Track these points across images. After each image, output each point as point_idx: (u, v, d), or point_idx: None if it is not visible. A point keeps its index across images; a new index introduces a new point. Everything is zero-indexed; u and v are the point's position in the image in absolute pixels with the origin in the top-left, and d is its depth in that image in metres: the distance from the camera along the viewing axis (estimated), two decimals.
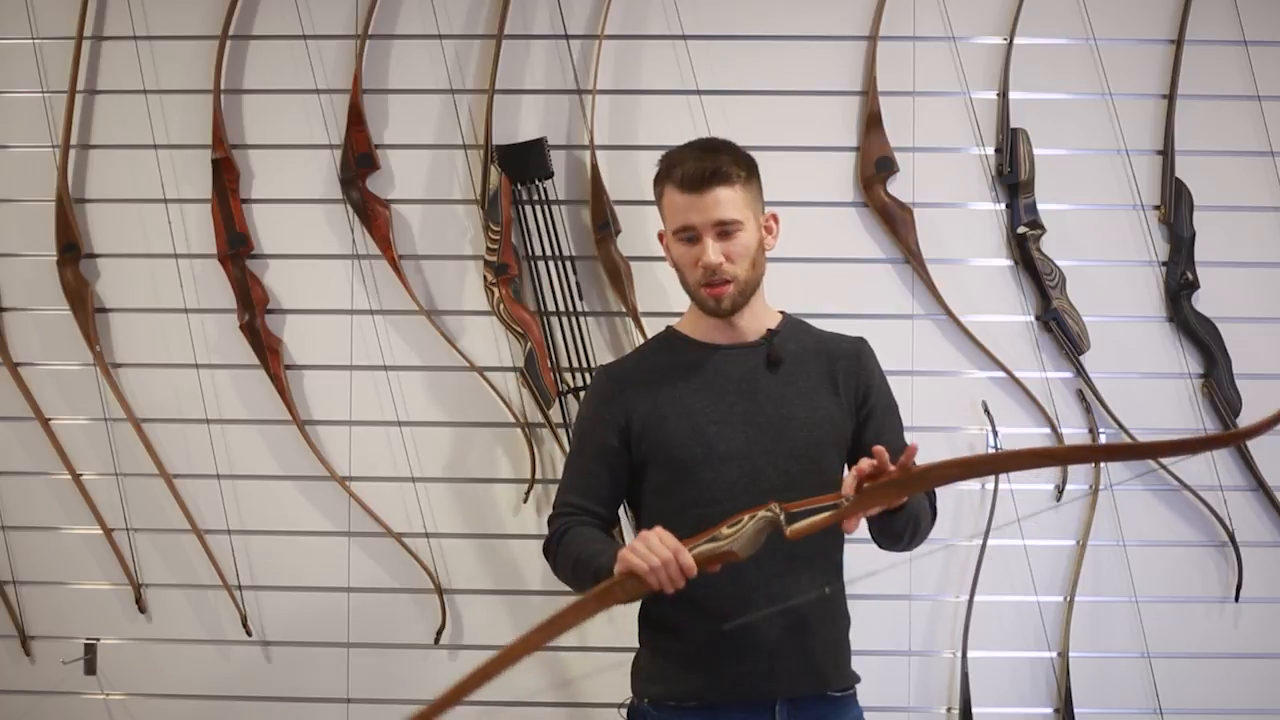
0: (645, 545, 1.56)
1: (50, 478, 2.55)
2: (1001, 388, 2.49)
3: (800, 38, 2.51)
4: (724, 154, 1.79)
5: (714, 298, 1.79)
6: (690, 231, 1.78)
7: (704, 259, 1.76)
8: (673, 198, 1.79)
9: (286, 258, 2.54)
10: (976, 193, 2.51)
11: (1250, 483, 2.48)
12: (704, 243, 1.77)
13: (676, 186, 1.78)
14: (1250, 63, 2.48)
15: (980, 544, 2.43)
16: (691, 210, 1.77)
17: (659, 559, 1.54)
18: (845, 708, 1.83)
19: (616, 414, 1.83)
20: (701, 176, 1.75)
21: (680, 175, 1.77)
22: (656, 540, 1.57)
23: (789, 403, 1.81)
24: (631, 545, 1.58)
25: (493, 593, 2.52)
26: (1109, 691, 2.49)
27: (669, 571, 1.55)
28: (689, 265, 1.80)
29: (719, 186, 1.75)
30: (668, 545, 1.56)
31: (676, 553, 1.55)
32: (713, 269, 1.76)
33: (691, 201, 1.76)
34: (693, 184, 1.76)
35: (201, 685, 2.55)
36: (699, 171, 1.76)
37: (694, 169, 1.76)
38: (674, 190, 1.79)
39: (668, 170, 1.81)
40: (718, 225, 1.76)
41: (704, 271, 1.77)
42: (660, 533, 1.58)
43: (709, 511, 1.74)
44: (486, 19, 2.53)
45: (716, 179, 1.75)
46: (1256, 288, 2.50)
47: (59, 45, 2.52)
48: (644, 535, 1.58)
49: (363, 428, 2.53)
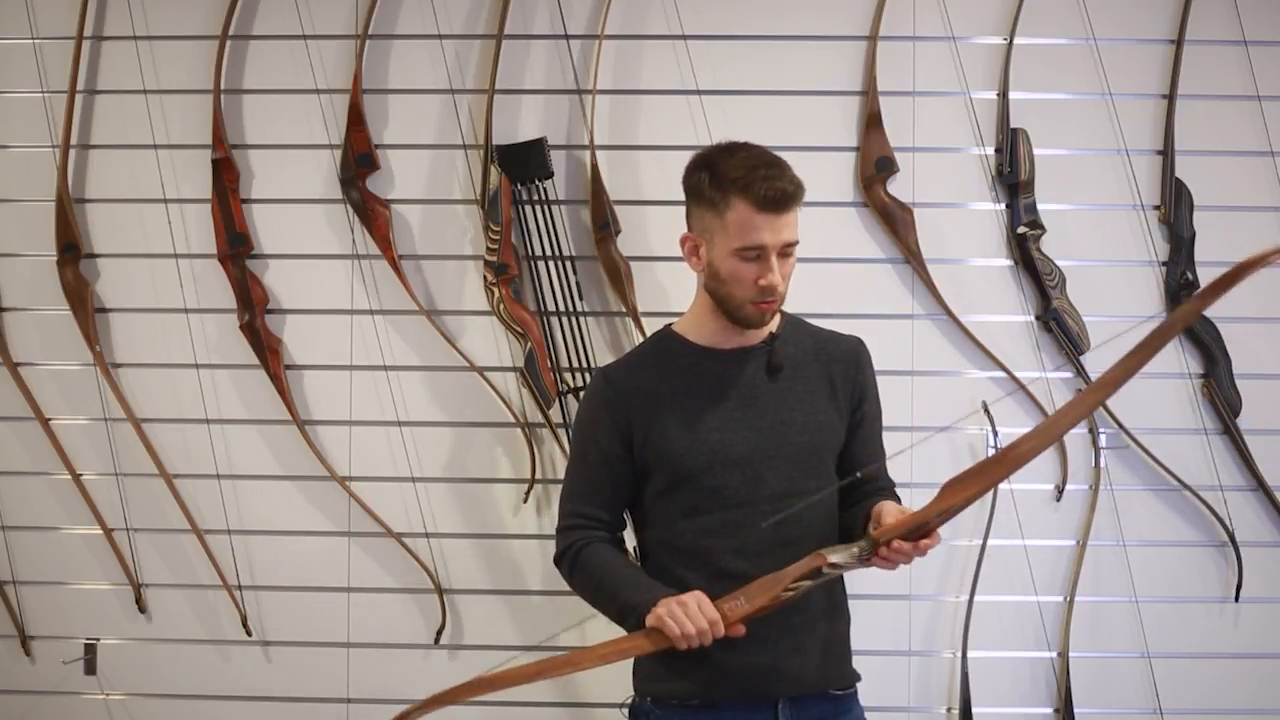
0: (685, 613, 1.63)
1: (50, 478, 2.55)
2: (1001, 388, 2.49)
3: (800, 38, 2.51)
4: (789, 172, 1.74)
5: (762, 312, 1.77)
6: (759, 250, 1.73)
7: (767, 279, 1.73)
8: (746, 214, 1.71)
9: (286, 258, 2.54)
10: (976, 193, 2.51)
11: (1250, 483, 2.48)
12: (769, 262, 1.72)
13: (754, 204, 1.70)
14: (1250, 63, 2.48)
15: (980, 544, 2.44)
16: (767, 230, 1.71)
17: (694, 629, 1.62)
18: (847, 706, 1.83)
19: (618, 419, 1.82)
20: (784, 197, 1.70)
21: (762, 194, 1.69)
22: (695, 608, 1.63)
23: (789, 408, 1.81)
24: (670, 610, 1.64)
25: (493, 593, 2.52)
26: (1109, 691, 2.49)
27: (701, 640, 1.63)
28: (745, 281, 1.74)
29: (795, 207, 1.73)
30: (707, 616, 1.63)
31: (714, 625, 1.63)
32: (773, 289, 1.74)
33: (769, 221, 1.71)
34: (775, 204, 1.70)
35: (201, 685, 2.55)
36: (783, 193, 1.70)
37: (778, 190, 1.70)
38: (749, 207, 1.70)
39: (743, 185, 1.71)
40: (786, 247, 1.74)
41: (761, 291, 1.74)
42: (700, 599, 1.65)
43: (712, 517, 1.75)
44: (486, 19, 2.53)
45: (796, 200, 1.72)
46: (1256, 288, 2.49)
47: (59, 45, 2.52)
48: (684, 601, 1.64)
49: (363, 428, 2.53)
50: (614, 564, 1.78)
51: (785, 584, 1.64)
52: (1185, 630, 2.49)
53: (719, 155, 1.77)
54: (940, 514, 1.60)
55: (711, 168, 1.76)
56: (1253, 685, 2.48)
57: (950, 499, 1.60)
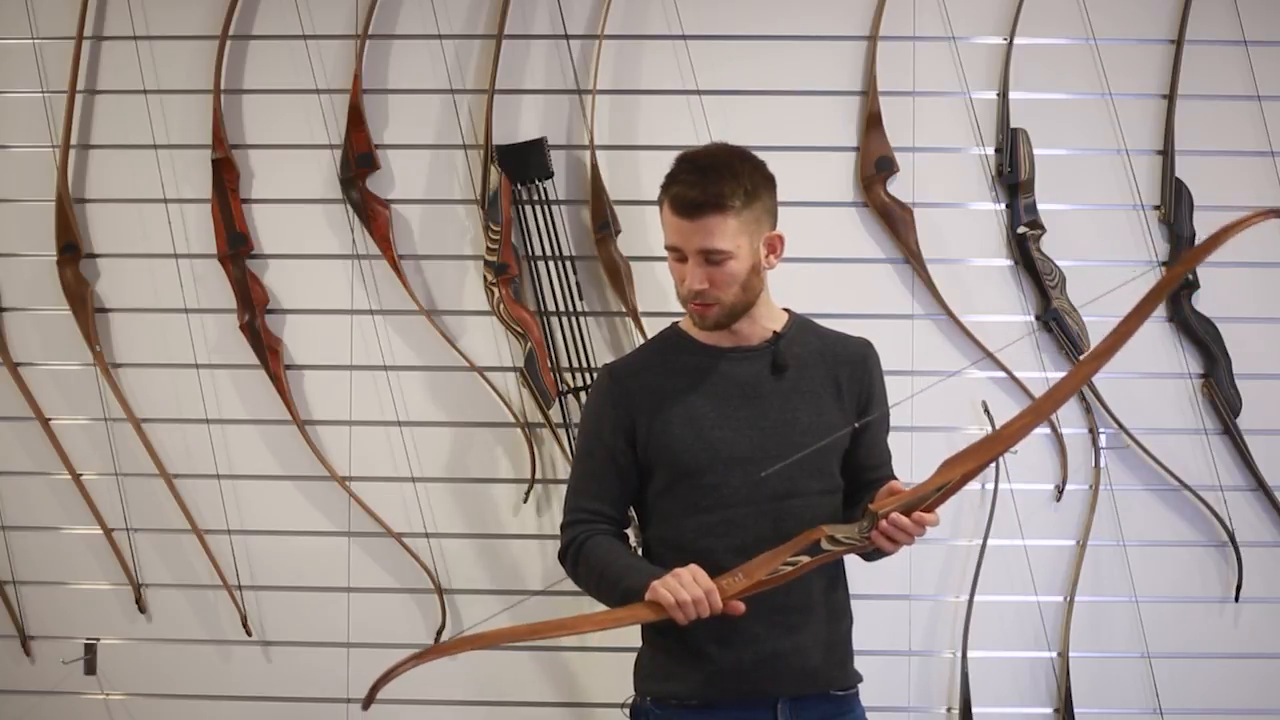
0: (678, 582, 1.63)
1: (50, 478, 2.55)
2: (1001, 388, 2.49)
3: (800, 38, 2.51)
4: (726, 180, 1.71)
5: (698, 314, 1.79)
6: (678, 253, 1.76)
7: (687, 283, 1.75)
8: (666, 214, 1.76)
9: (286, 258, 2.54)
10: (976, 193, 2.51)
11: (1250, 483, 2.48)
12: (688, 266, 1.74)
13: (670, 205, 1.74)
14: (1250, 63, 2.48)
15: (980, 544, 2.44)
16: (679, 233, 1.74)
17: (689, 596, 1.61)
18: (848, 707, 1.83)
19: (622, 416, 1.82)
20: (694, 204, 1.71)
21: (674, 195, 1.73)
22: (689, 578, 1.63)
23: (793, 407, 1.80)
24: (665, 581, 1.64)
25: (493, 593, 2.52)
26: (1109, 691, 2.49)
27: (698, 609, 1.62)
28: (678, 280, 1.79)
29: (711, 215, 1.71)
30: (701, 585, 1.62)
31: (710, 594, 1.62)
32: (694, 294, 1.75)
33: (681, 225, 1.73)
34: (685, 209, 1.72)
35: (201, 685, 2.55)
36: (692, 199, 1.71)
37: (687, 195, 1.71)
38: (668, 208, 1.75)
39: (668, 184, 1.75)
40: (703, 253, 1.73)
41: (688, 291, 1.76)
42: (695, 571, 1.65)
43: (712, 516, 1.75)
44: (486, 19, 2.53)
45: (709, 208, 1.70)
46: (1256, 288, 2.50)
47: (59, 45, 2.52)
48: (678, 573, 1.64)
49: (363, 428, 2.53)
50: (616, 554, 1.78)
51: (784, 557, 1.64)
52: (1185, 630, 2.49)
53: (679, 155, 1.80)
54: (939, 489, 1.62)
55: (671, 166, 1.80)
56: (1253, 685, 2.48)
57: (948, 474, 1.63)
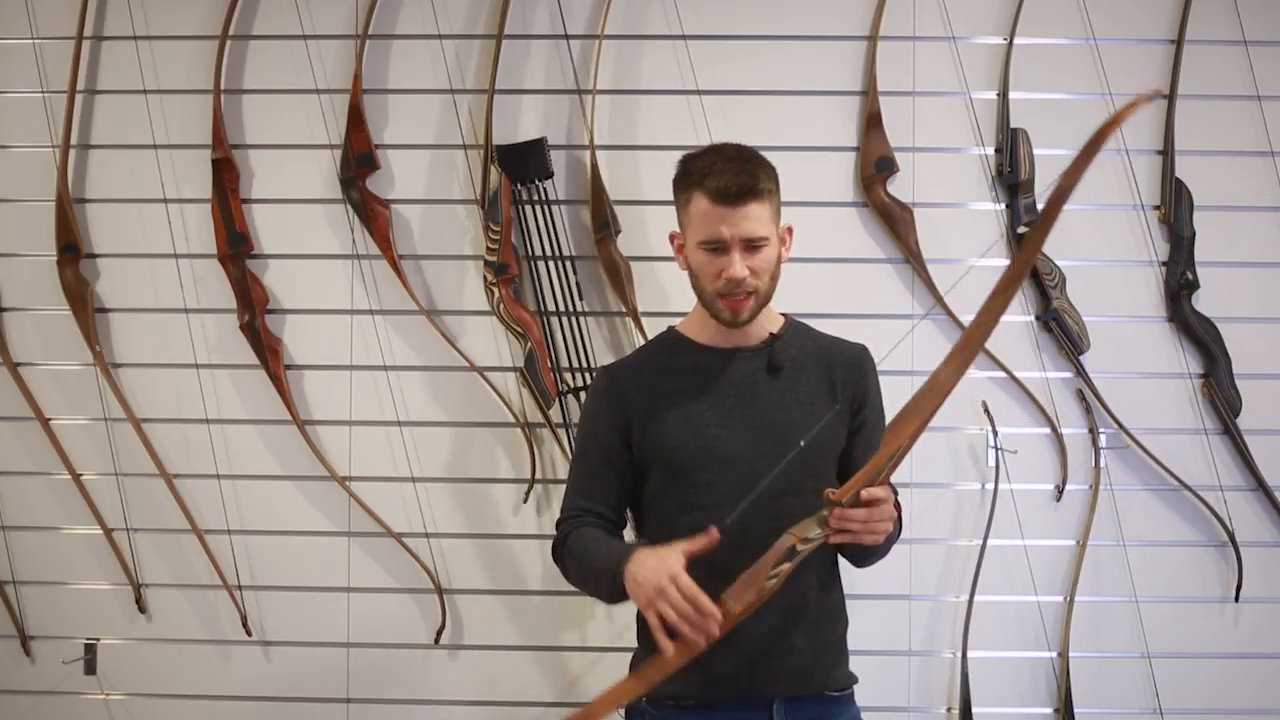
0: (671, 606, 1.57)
1: (50, 478, 2.55)
2: (1001, 388, 2.49)
3: (800, 38, 2.51)
4: (759, 167, 1.75)
5: (731, 309, 1.77)
6: (718, 243, 1.74)
7: (730, 272, 1.73)
8: (702, 207, 1.74)
9: (286, 258, 2.54)
10: (976, 193, 2.51)
11: (1250, 483, 2.48)
12: (731, 256, 1.74)
13: (709, 197, 1.72)
14: (1250, 63, 2.48)
15: (980, 544, 2.44)
16: (723, 223, 1.73)
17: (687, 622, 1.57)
18: (843, 707, 1.83)
19: (618, 415, 1.83)
20: (738, 191, 1.71)
21: (715, 186, 1.72)
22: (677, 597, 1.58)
23: (789, 408, 1.80)
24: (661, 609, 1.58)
25: (493, 593, 2.52)
26: (1109, 691, 2.49)
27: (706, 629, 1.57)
28: (710, 275, 1.76)
29: (752, 201, 1.72)
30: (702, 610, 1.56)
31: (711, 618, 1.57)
32: (738, 282, 1.74)
33: (724, 214, 1.72)
34: (728, 197, 1.71)
35: (201, 685, 2.55)
36: (736, 185, 1.71)
37: (731, 182, 1.71)
38: (705, 199, 1.73)
39: (700, 178, 1.74)
40: (747, 240, 1.74)
41: (727, 283, 1.75)
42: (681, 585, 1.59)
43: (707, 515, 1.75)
44: (486, 19, 2.53)
45: (752, 194, 1.72)
46: (1256, 288, 2.50)
47: (59, 45, 2.52)
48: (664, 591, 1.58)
49: (363, 428, 2.53)
50: (594, 540, 1.77)
51: (766, 573, 1.61)
52: (1185, 630, 2.49)
53: (696, 153, 1.80)
54: (891, 458, 1.57)
55: (685, 164, 1.80)
56: (1253, 685, 2.48)
57: (894, 441, 1.56)
